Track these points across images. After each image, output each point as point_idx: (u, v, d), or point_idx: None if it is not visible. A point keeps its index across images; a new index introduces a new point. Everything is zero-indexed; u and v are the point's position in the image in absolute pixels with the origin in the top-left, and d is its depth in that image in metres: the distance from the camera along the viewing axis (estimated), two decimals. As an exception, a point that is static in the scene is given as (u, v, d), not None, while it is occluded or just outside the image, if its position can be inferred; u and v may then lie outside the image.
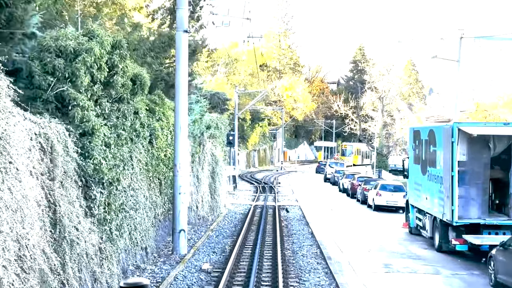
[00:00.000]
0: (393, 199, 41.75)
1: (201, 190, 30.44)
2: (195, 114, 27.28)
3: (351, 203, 47.33)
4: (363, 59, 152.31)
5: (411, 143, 30.34)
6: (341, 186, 60.32)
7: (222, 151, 47.54)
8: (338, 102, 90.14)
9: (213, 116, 48.44)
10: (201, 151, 30.29)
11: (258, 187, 58.77)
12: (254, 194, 50.90)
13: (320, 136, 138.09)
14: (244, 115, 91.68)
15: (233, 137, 50.52)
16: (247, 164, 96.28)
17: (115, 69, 15.36)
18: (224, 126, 50.67)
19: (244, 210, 39.15)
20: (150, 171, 21.17)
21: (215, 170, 35.38)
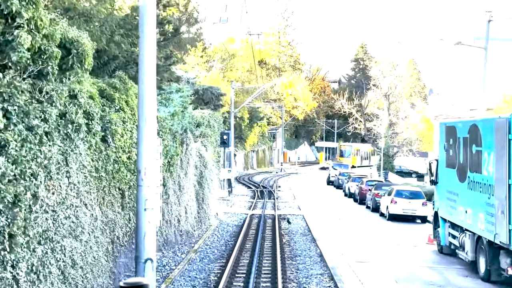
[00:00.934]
0: (411, 207, 35.97)
1: (184, 199, 24.65)
2: (175, 105, 21.55)
3: (361, 211, 41.53)
4: (365, 57, 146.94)
5: (441, 142, 24.55)
6: (347, 190, 54.55)
7: (215, 152, 41.79)
8: (342, 100, 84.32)
9: (205, 113, 42.75)
10: (184, 152, 24.51)
11: (256, 191, 53.00)
12: (251, 200, 45.10)
13: (321, 136, 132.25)
14: (242, 114, 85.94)
15: (228, 136, 44.75)
16: (245, 166, 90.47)
17: (16, 19, 9.60)
18: (217, 124, 44.94)
19: (239, 221, 33.35)
20: (104, 180, 15.38)
21: (204, 175, 29.61)
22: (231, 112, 58.71)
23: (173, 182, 23.12)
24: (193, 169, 27.72)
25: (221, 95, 49.14)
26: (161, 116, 20.40)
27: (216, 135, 43.47)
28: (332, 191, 61.46)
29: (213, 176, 31.47)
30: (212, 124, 42.14)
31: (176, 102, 22.17)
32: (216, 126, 43.76)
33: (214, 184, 33.27)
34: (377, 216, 38.35)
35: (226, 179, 48.77)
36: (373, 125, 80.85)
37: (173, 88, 22.92)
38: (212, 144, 39.82)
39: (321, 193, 56.85)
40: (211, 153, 38.41)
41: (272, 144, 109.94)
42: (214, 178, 32.29)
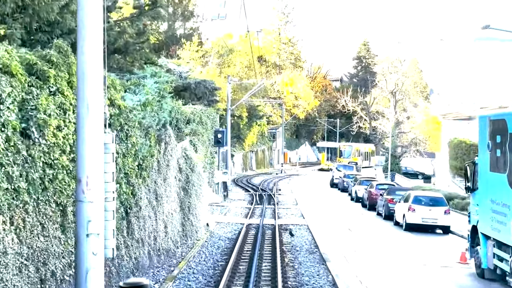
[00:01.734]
0: (431, 216, 31.03)
1: (162, 211, 19.69)
2: (147, 93, 16.62)
3: (372, 219, 36.58)
4: (367, 55, 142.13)
5: (483, 140, 19.63)
6: (353, 194, 49.62)
7: (208, 152, 36.90)
8: (346, 98, 79.33)
9: (197, 108, 37.86)
10: (163, 152, 19.55)
11: (254, 195, 48.05)
12: (249, 206, 40.13)
13: (322, 136, 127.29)
14: (240, 112, 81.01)
15: (222, 135, 39.78)
16: (243, 167, 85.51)
17: None
18: (211, 121, 40.06)
19: (233, 232, 28.38)
20: (25, 193, 10.45)
21: (191, 179, 24.65)
22: (228, 109, 53.77)
23: (147, 190, 18.18)
24: (176, 173, 22.77)
25: (216, 90, 44.16)
26: (126, 106, 15.50)
27: (209, 133, 38.63)
28: (337, 194, 56.53)
29: (202, 181, 26.53)
30: (204, 121, 37.31)
31: (150, 89, 17.27)
32: (209, 123, 38.92)
33: (204, 190, 28.32)
34: (391, 226, 33.43)
35: (221, 182, 43.83)
36: (378, 124, 75.97)
37: (147, 72, 17.99)
38: (204, 143, 34.96)
39: (325, 197, 51.93)
40: (202, 153, 33.55)
41: (272, 144, 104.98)
42: (204, 182, 27.34)
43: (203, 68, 69.62)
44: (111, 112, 14.38)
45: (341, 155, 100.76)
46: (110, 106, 14.37)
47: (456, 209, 40.95)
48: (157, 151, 19.04)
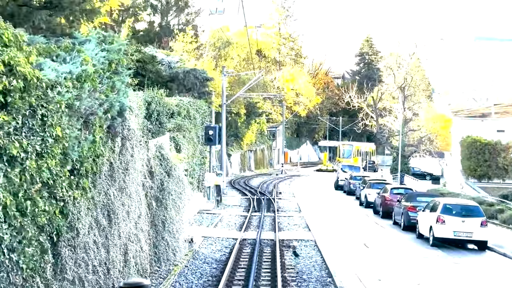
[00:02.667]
0: (465, 229, 25.32)
1: (119, 234, 13.96)
2: (84, 62, 10.85)
3: (389, 230, 30.83)
4: (370, 51, 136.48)
5: None
6: (363, 198, 43.93)
7: (195, 151, 31.20)
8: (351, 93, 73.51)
9: (183, 100, 32.19)
10: (118, 151, 13.83)
11: (251, 200, 42.34)
12: (245, 214, 34.38)
13: (324, 135, 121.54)
14: (238, 109, 75.29)
15: (215, 132, 34.02)
16: (241, 167, 79.78)
17: None
18: (201, 115, 34.32)
19: (223, 251, 22.65)
20: None
21: (166, 186, 18.91)
22: (223, 104, 48.07)
23: (91, 205, 12.45)
24: (145, 179, 17.06)
25: (208, 80, 38.51)
26: (43, 77, 9.78)
27: (198, 130, 32.91)
28: (343, 198, 50.80)
29: (183, 187, 20.79)
30: (192, 115, 31.61)
31: (93, 58, 11.56)
32: (199, 118, 33.20)
33: (188, 197, 22.57)
34: (413, 239, 27.72)
35: (214, 186, 38.12)
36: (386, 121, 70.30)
37: (92, 37, 12.28)
38: (190, 141, 29.24)
39: (331, 202, 46.22)
40: (188, 153, 27.87)
41: (272, 144, 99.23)
42: (186, 189, 21.60)
43: (198, 61, 63.91)
44: (8, 85, 8.69)
45: (341, 154, 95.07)
46: (5, 75, 8.67)
47: (484, 218, 35.25)
48: (108, 149, 13.32)
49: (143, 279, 7.17)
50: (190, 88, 37.35)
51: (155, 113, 27.32)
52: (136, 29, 68.93)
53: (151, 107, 27.08)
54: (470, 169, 64.91)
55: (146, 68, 36.80)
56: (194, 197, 33.20)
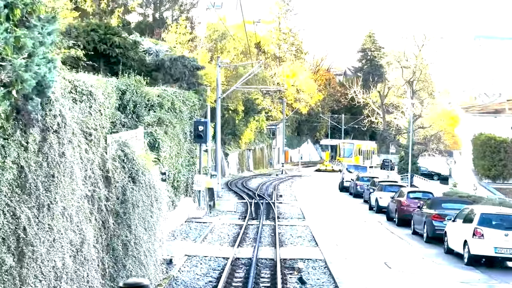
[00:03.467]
0: (509, 245, 20.45)
1: (34, 274, 9.10)
2: None
3: (410, 243, 25.89)
4: (373, 47, 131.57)
5: None
6: (373, 202, 39.08)
7: (181, 150, 26.35)
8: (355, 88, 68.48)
9: (167, 90, 27.32)
10: (36, 149, 9.00)
11: (249, 205, 37.48)
12: (240, 223, 29.46)
13: (326, 133, 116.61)
14: (236, 106, 70.40)
15: (205, 128, 29.06)
16: (239, 167, 74.88)
17: None
18: (189, 108, 29.40)
19: (210, 276, 17.67)
20: None
21: (129, 198, 14.01)
22: (218, 98, 43.19)
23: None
24: (96, 188, 12.16)
25: (198, 69, 33.66)
26: None
27: (185, 125, 28.04)
28: (350, 201, 45.91)
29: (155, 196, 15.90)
30: (178, 108, 26.72)
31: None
32: (186, 111, 28.30)
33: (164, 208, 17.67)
34: (442, 254, 22.87)
35: (205, 189, 33.23)
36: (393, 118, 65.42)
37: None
38: (174, 138, 24.38)
39: (337, 206, 41.34)
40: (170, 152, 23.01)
41: (272, 142, 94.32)
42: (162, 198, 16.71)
43: (192, 53, 59.03)
44: None
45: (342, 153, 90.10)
46: None
47: None
48: (16, 146, 8.46)
49: (143, 279, 5.95)
50: (178, 78, 32.46)
51: (130, 104, 22.50)
52: (128, 20, 64.18)
53: (126, 96, 22.25)
54: (484, 168, 59.97)
55: (128, 55, 31.95)
56: (182, 203, 28.38)
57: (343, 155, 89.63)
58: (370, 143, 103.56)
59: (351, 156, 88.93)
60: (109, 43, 31.39)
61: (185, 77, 32.31)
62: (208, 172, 38.55)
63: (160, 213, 16.66)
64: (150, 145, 20.98)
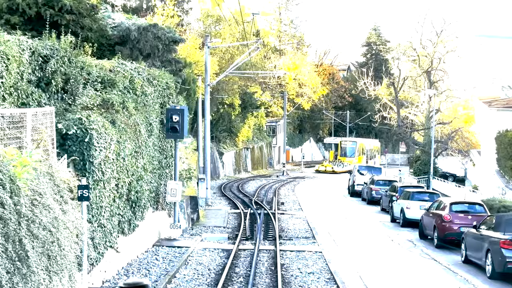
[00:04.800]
0: None
1: None
2: None
3: (471, 282, 17.89)
4: (378, 41, 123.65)
5: None
6: (397, 213, 31.07)
7: (146, 148, 18.26)
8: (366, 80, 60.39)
9: (126, 65, 19.29)
10: None
11: (243, 216, 29.51)
12: (229, 247, 21.31)
13: (329, 131, 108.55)
14: (232, 100, 62.39)
15: (181, 117, 20.99)
16: (235, 168, 66.87)
17: None
18: (159, 91, 21.45)
19: None
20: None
21: None
22: (206, 86, 35.25)
23: None
24: None
25: (176, 42, 25.56)
26: None
27: (152, 113, 19.99)
28: (365, 210, 37.87)
29: (47, 241, 8.02)
30: (141, 90, 18.68)
31: None
32: (153, 94, 20.26)
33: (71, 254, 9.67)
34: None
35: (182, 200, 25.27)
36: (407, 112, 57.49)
37: None
38: (129, 130, 16.29)
39: (352, 217, 33.31)
40: (119, 149, 14.96)
41: (272, 140, 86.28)
42: (62, 235, 8.83)
43: (180, 37, 51.03)
44: None
45: (343, 153, 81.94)
46: None
47: None
48: None
49: (143, 278, 5.73)
50: (148, 54, 24.48)
51: (58, 77, 14.61)
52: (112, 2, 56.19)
53: (50, 66, 14.37)
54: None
55: (83, 24, 23.93)
56: (149, 220, 20.44)
57: (344, 155, 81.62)
58: (373, 141, 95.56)
59: (354, 155, 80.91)
60: (57, 7, 23.41)
61: (158, 52, 24.36)
62: (192, 176, 30.59)
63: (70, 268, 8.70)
64: (74, 140, 13.06)
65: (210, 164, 56.13)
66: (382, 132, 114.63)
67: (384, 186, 40.58)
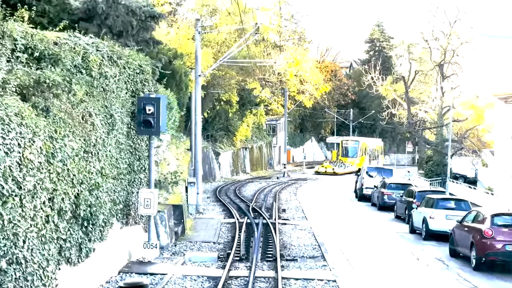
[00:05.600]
0: None
1: None
2: None
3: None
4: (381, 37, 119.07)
5: None
6: (418, 223, 26.41)
7: (107, 147, 13.41)
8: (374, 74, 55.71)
9: (82, 39, 14.47)
10: None
11: (238, 228, 24.88)
12: (216, 275, 16.61)
13: (331, 130, 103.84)
14: (229, 96, 57.76)
15: (156, 108, 16.42)
16: (233, 169, 62.20)
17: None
18: (131, 76, 16.47)
19: None
20: None
21: None
22: (197, 76, 30.61)
23: None
24: None
25: (154, 18, 20.81)
26: None
27: (116, 102, 15.23)
28: (378, 218, 33.15)
29: None
30: (100, 71, 13.76)
31: None
32: (119, 79, 15.46)
33: None
34: None
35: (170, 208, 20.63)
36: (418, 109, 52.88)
37: None
38: (82, 123, 11.42)
39: (364, 227, 28.62)
40: (54, 147, 10.02)
41: (272, 140, 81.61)
42: None
43: (170, 27, 46.43)
44: None
45: (345, 153, 77.21)
46: None
47: None
48: None
49: (143, 278, 6.62)
50: (120, 32, 19.84)
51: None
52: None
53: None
54: (536, 171, 47.44)
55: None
56: (121, 237, 15.89)
57: (346, 155, 76.96)
58: (377, 140, 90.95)
59: (356, 155, 76.26)
60: (6, -27, 18.72)
61: (132, 30, 19.76)
62: (179, 180, 25.95)
63: None
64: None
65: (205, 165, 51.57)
66: (386, 132, 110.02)
67: (397, 190, 36.02)
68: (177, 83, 37.97)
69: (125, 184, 16.61)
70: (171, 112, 28.73)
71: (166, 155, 30.05)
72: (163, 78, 35.02)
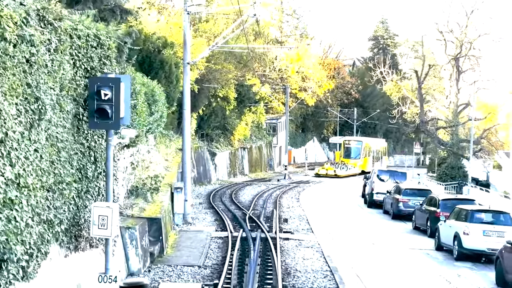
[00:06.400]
0: None
1: None
2: None
3: None
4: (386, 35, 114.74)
5: None
6: (450, 240, 21.79)
7: (19, 144, 8.22)
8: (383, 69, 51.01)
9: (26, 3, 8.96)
10: None
11: (231, 244, 20.33)
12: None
13: (334, 130, 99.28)
14: (227, 92, 53.07)
15: (114, 93, 11.91)
16: (230, 171, 57.60)
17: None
18: (81, 49, 11.76)
19: None
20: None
21: None
22: (185, 64, 26.03)
23: None
24: None
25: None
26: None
27: (48, 81, 10.36)
28: (393, 229, 28.54)
29: None
30: (16, 32, 9.08)
31: None
32: (56, 49, 10.65)
33: None
34: None
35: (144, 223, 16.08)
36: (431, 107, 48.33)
37: None
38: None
39: (379, 240, 24.03)
40: None
41: (272, 140, 77.00)
42: None
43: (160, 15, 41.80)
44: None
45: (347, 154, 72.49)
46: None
47: None
48: None
49: (143, 278, 6.14)
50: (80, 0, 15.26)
51: None
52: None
53: None
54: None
55: None
56: (65, 269, 11.32)
57: (348, 156, 72.29)
58: (380, 141, 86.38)
59: (359, 157, 71.59)
60: None
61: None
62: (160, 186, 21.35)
63: None
64: None
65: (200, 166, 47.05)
66: (390, 132, 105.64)
67: (414, 196, 31.55)
68: (167, 75, 33.44)
69: (71, 197, 12.03)
70: (157, 106, 24.20)
71: (151, 155, 25.50)
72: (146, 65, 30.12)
